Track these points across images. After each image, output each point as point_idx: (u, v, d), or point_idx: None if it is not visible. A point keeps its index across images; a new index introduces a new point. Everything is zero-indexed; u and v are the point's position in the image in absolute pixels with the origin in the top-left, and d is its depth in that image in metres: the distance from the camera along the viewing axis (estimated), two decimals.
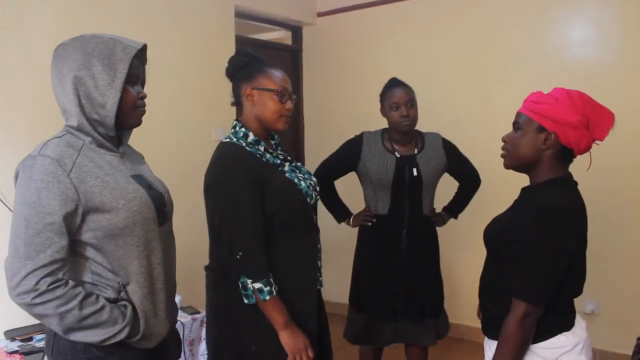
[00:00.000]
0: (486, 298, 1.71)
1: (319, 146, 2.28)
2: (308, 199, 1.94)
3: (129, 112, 1.51)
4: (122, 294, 1.48)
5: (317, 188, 2.05)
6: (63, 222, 1.36)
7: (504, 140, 1.68)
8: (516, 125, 1.65)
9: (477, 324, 3.77)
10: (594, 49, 3.46)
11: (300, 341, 1.84)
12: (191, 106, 3.53)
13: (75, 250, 1.44)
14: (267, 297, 1.79)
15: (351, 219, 2.74)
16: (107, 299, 1.45)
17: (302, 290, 1.96)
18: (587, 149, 1.59)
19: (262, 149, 1.91)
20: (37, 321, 2.58)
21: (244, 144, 1.89)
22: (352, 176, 2.74)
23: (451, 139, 2.81)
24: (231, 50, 3.73)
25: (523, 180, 1.73)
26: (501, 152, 1.71)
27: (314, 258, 2.01)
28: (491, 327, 1.63)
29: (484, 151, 3.49)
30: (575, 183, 1.67)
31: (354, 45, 4.38)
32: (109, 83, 1.43)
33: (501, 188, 3.58)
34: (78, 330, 1.40)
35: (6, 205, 2.55)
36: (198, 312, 2.86)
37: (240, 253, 1.79)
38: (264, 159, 1.89)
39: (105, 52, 1.43)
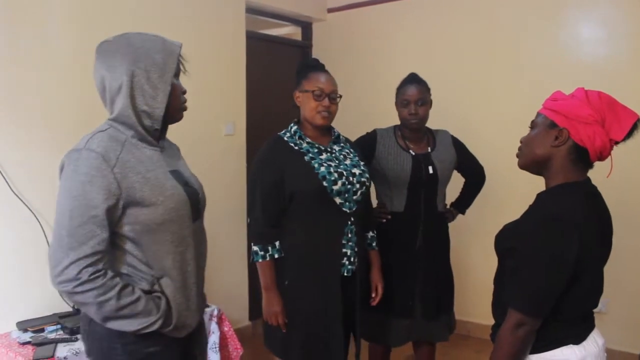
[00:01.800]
0: (495, 306, 1.66)
1: None
2: (325, 182, 2.11)
3: (175, 105, 1.58)
4: (156, 287, 1.53)
5: (356, 178, 2.21)
6: (105, 216, 1.42)
7: (520, 142, 1.63)
8: (532, 124, 1.60)
9: (484, 321, 3.84)
10: (604, 48, 3.45)
11: (272, 306, 2.15)
12: (201, 102, 3.53)
13: (113, 242, 1.49)
14: (259, 260, 2.16)
15: None
16: (141, 291, 1.51)
17: (320, 272, 2.16)
18: (604, 149, 1.49)
19: (297, 138, 2.21)
20: (49, 312, 2.68)
21: (287, 136, 2.23)
22: None
23: (460, 137, 2.81)
24: (242, 46, 3.75)
25: (531, 178, 1.70)
26: (516, 152, 1.65)
27: (335, 242, 2.17)
28: (496, 335, 1.57)
29: (493, 149, 3.51)
30: (593, 188, 1.58)
31: (363, 42, 4.38)
32: (160, 77, 1.50)
33: (508, 186, 3.60)
34: (115, 320, 1.46)
35: (22, 201, 2.59)
36: (208, 306, 2.89)
37: (249, 220, 2.27)
38: (296, 147, 2.18)
39: (155, 47, 1.51)
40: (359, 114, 4.25)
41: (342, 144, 2.34)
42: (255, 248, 2.17)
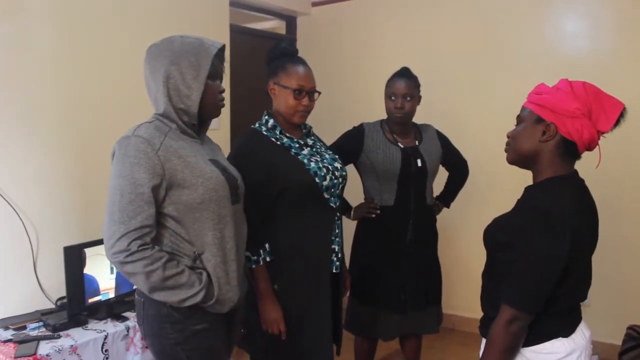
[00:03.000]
0: (484, 298, 1.66)
1: None
2: (317, 179, 2.05)
3: (210, 103, 1.73)
4: (198, 262, 1.69)
5: (338, 173, 2.16)
6: (151, 193, 1.59)
7: (507, 136, 1.63)
8: (518, 119, 1.59)
9: (468, 314, 3.86)
10: (589, 42, 3.47)
11: (272, 313, 2.03)
12: None
13: (158, 221, 1.64)
14: (253, 266, 2.03)
15: (352, 212, 2.72)
16: (185, 266, 1.66)
17: (311, 270, 2.10)
18: (592, 141, 1.49)
19: (278, 133, 2.11)
20: (31, 310, 2.64)
21: (263, 129, 2.12)
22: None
23: (445, 131, 2.82)
24: (226, 39, 3.71)
25: (515, 172, 1.71)
26: (502, 146, 1.65)
27: (325, 239, 2.12)
28: (486, 327, 1.57)
29: (478, 143, 3.53)
30: (581, 181, 1.59)
31: (349, 36, 4.37)
32: (194, 77, 1.66)
33: (493, 180, 3.62)
34: (161, 290, 1.61)
35: (6, 201, 2.54)
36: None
37: None
38: (278, 142, 2.09)
39: (191, 50, 1.66)
40: (345, 109, 4.25)
41: (313, 137, 2.28)
42: (247, 253, 1.97)
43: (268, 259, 2.04)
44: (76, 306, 2.56)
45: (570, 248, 1.43)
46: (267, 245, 2.05)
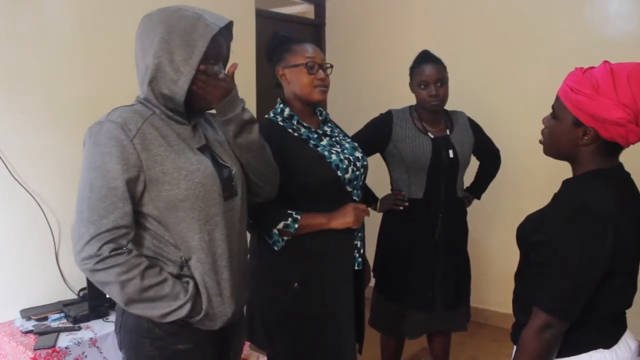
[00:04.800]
0: (516, 303, 1.53)
1: (343, 125, 2.16)
2: (339, 172, 1.92)
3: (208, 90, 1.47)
4: (185, 270, 1.45)
5: (359, 163, 2.03)
6: (126, 187, 1.35)
7: (543, 123, 1.48)
8: (553, 110, 1.43)
9: (501, 309, 3.73)
10: (633, 23, 3.25)
11: (347, 212, 1.91)
12: None
13: (137, 222, 1.42)
14: (296, 225, 1.86)
15: (378, 204, 2.60)
16: (170, 274, 1.43)
17: (333, 269, 1.97)
18: (639, 140, 1.33)
19: (295, 123, 1.97)
20: (53, 300, 2.63)
21: (279, 119, 1.97)
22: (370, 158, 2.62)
23: (477, 118, 2.68)
24: (251, 25, 3.62)
25: (552, 162, 1.56)
26: (536, 135, 1.51)
27: (347, 235, 1.99)
28: (518, 334, 1.43)
29: (511, 131, 3.36)
30: (626, 175, 1.43)
31: (379, 19, 4.22)
32: (185, 60, 1.40)
33: (527, 170, 3.46)
34: (139, 302, 1.38)
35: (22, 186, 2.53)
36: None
37: (250, 221, 1.84)
38: (295, 133, 1.95)
39: (186, 27, 1.41)
40: (375, 96, 4.13)
41: (330, 125, 2.13)
42: (281, 225, 1.85)
43: (296, 226, 1.87)
44: (97, 297, 2.53)
45: (613, 249, 1.29)
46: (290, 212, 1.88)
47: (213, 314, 1.47)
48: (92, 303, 2.52)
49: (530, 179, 3.50)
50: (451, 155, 2.46)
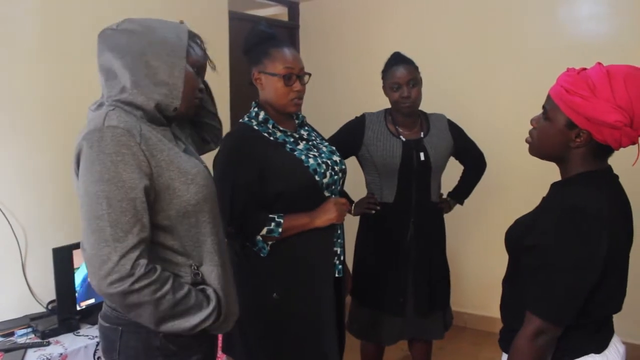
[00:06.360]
0: (505, 308, 1.50)
1: (318, 128, 2.12)
2: (317, 176, 1.88)
3: (189, 97, 1.43)
4: (199, 278, 1.38)
5: (338, 167, 1.99)
6: (145, 197, 1.26)
7: (531, 124, 1.44)
8: (544, 110, 1.39)
9: (481, 312, 3.72)
10: (605, 25, 3.28)
11: (329, 209, 1.90)
12: None
13: None
14: (280, 229, 1.83)
15: (352, 207, 2.56)
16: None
17: (314, 277, 1.93)
18: (631, 144, 1.31)
19: (271, 127, 1.92)
20: (20, 314, 2.51)
21: (254, 123, 1.92)
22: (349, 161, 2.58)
23: (454, 119, 2.65)
24: (224, 27, 3.56)
25: (530, 165, 1.53)
26: (527, 136, 1.47)
27: (327, 241, 1.96)
28: (508, 341, 1.41)
29: (488, 131, 3.34)
30: (615, 177, 1.41)
31: (354, 23, 4.18)
32: (171, 67, 1.36)
33: (504, 172, 3.45)
34: (170, 319, 1.29)
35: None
36: None
37: (229, 228, 1.81)
38: (271, 137, 1.89)
39: (169, 34, 1.38)
40: (349, 99, 4.09)
41: (307, 128, 2.09)
42: (264, 231, 1.83)
43: (280, 230, 1.84)
44: (67, 310, 2.44)
45: (607, 252, 1.27)
46: (270, 216, 1.85)
47: (228, 315, 1.44)
48: (62, 316, 2.42)
49: (507, 181, 3.50)
50: (422, 158, 2.42)
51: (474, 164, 2.71)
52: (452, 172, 2.67)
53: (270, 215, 1.85)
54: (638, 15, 3.17)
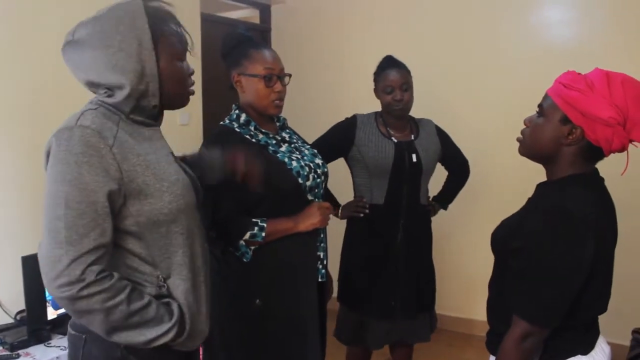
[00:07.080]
0: (491, 311, 1.50)
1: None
2: (300, 179, 1.85)
3: (175, 89, 1.39)
4: (164, 290, 1.33)
5: (320, 170, 1.97)
6: (107, 202, 1.22)
7: (525, 124, 1.45)
8: (540, 108, 1.40)
9: (458, 314, 3.73)
10: (577, 29, 3.35)
11: (312, 213, 1.87)
12: None
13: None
14: (263, 233, 1.80)
15: (339, 210, 2.53)
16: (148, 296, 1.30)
17: (296, 282, 1.90)
18: (621, 149, 1.33)
19: (253, 129, 1.89)
20: None
21: (235, 126, 1.88)
22: (334, 163, 2.55)
23: (440, 125, 2.66)
24: (197, 29, 3.50)
25: (511, 168, 1.53)
26: (519, 135, 1.47)
27: (310, 246, 1.93)
28: (495, 344, 1.41)
29: (473, 136, 3.37)
30: (601, 180, 1.43)
31: (327, 25, 4.17)
32: (149, 51, 1.31)
33: (488, 174, 3.47)
34: (122, 330, 1.24)
35: None
36: None
37: (213, 235, 1.77)
38: (253, 140, 1.86)
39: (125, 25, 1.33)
40: (323, 103, 4.07)
41: (288, 131, 2.06)
42: (247, 236, 1.80)
43: (264, 235, 1.81)
44: (37, 321, 2.36)
45: (594, 254, 1.27)
46: (255, 220, 1.82)
47: (194, 333, 1.37)
48: (32, 327, 2.34)
49: (490, 184, 3.51)
50: (414, 159, 2.43)
51: (459, 170, 2.73)
52: (436, 177, 2.67)
53: (254, 220, 1.82)
54: (609, 19, 3.24)
